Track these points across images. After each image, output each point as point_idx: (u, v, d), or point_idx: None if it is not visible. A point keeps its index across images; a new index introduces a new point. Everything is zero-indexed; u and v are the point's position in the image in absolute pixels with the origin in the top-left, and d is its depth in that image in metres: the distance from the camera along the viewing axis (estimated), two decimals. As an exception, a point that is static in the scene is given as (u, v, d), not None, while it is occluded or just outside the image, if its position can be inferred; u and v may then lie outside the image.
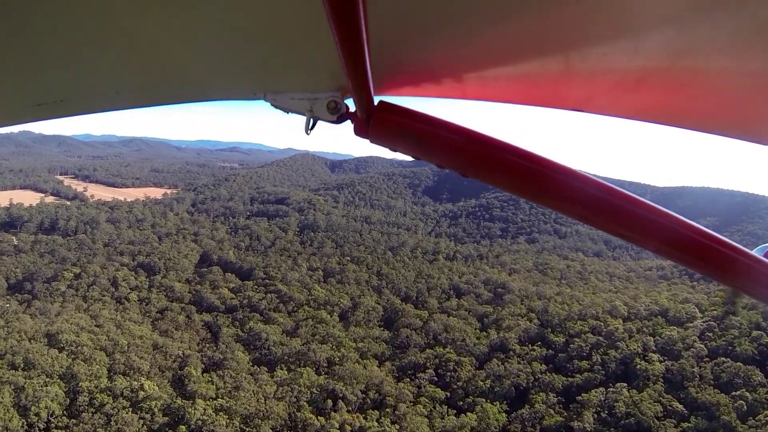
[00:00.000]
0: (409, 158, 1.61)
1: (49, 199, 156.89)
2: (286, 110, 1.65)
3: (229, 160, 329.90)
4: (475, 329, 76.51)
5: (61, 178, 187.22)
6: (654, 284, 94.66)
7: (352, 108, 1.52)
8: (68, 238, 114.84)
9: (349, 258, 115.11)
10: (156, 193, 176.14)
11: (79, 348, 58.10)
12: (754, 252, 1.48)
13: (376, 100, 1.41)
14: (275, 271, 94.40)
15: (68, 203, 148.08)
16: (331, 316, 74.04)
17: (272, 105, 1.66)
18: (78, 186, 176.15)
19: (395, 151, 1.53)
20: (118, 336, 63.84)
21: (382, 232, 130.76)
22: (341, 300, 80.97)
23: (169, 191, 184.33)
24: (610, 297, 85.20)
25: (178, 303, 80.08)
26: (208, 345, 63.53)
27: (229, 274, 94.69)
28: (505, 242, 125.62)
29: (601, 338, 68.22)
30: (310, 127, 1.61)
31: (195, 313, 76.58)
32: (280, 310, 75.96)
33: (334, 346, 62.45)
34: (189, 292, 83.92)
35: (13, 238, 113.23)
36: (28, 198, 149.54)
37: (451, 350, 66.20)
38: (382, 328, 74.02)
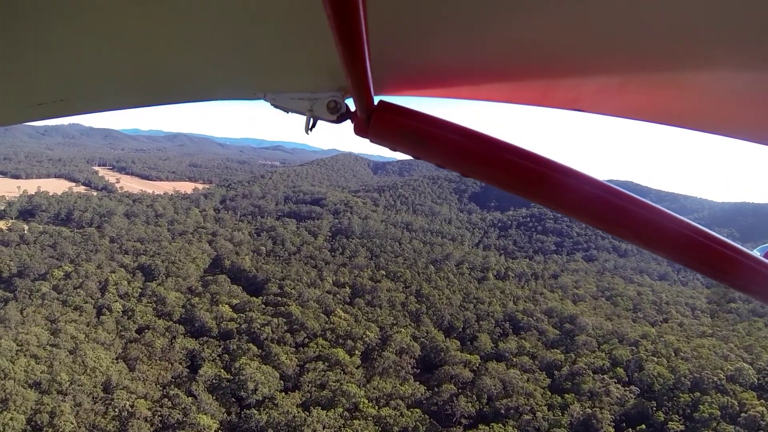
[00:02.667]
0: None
1: (79, 188, 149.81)
2: (286, 110, 1.65)
3: (271, 158, 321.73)
4: (544, 389, 54.96)
5: (97, 168, 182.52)
6: (751, 323, 71.87)
7: (352, 108, 1.50)
8: (77, 230, 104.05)
9: (384, 272, 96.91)
10: (187, 187, 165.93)
11: (3, 382, 42.54)
12: (754, 252, 1.47)
13: (376, 99, 1.40)
14: (292, 286, 77.03)
15: (94, 194, 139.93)
16: (350, 357, 55.04)
17: (272, 105, 1.66)
18: (111, 177, 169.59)
19: (395, 150, 1.52)
20: (65, 367, 48.12)
21: (424, 241, 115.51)
22: (368, 332, 61.81)
23: (200, 186, 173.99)
24: (717, 347, 62.74)
25: (165, 320, 64.15)
26: (174, 391, 46.27)
27: (237, 286, 78.32)
28: (561, 259, 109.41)
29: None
30: (310, 127, 1.61)
31: (181, 335, 60.21)
32: (285, 342, 57.96)
33: (345, 412, 43.33)
34: (182, 307, 67.89)
35: (25, 227, 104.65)
36: (59, 186, 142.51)
37: (514, 427, 45.20)
38: (417, 380, 54.02)
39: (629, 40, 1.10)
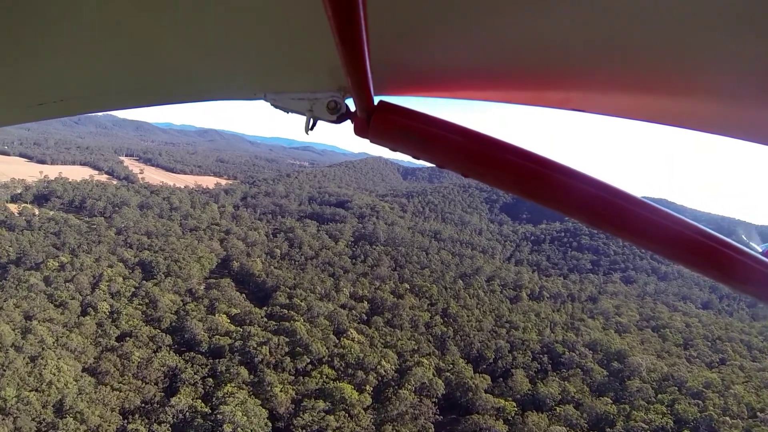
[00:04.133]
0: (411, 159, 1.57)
1: (101, 177, 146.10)
2: (286, 110, 1.64)
3: (300, 158, 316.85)
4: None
5: (123, 158, 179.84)
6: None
7: (352, 108, 1.50)
8: (86, 219, 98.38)
9: (408, 286, 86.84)
10: (211, 182, 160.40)
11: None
12: (754, 252, 1.46)
13: (376, 100, 1.39)
14: (303, 297, 67.60)
15: (114, 183, 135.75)
16: (359, 394, 44.71)
17: (272, 105, 1.67)
18: (135, 167, 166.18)
19: (395, 151, 1.51)
20: (17, 379, 39.88)
21: (453, 252, 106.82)
22: (383, 362, 51.34)
23: (224, 181, 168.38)
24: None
25: (152, 327, 55.73)
26: (135, 425, 37.06)
27: (241, 293, 69.44)
28: (597, 279, 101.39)
29: None
30: (310, 127, 1.60)
31: (165, 347, 51.51)
32: (283, 367, 48.30)
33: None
34: (174, 313, 59.39)
35: (36, 211, 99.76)
36: (81, 174, 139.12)
37: None
38: (439, 430, 43.03)
39: (629, 40, 1.10)
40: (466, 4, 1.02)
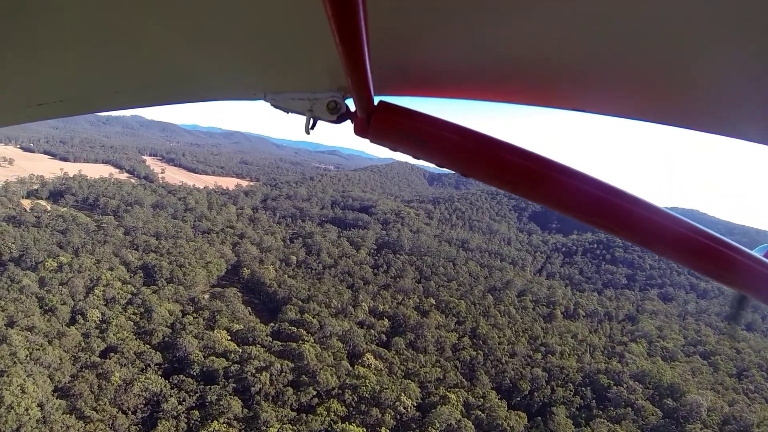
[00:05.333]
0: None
1: (121, 175, 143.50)
2: (286, 110, 1.65)
3: (326, 162, 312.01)
4: None
5: (146, 158, 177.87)
6: None
7: (353, 108, 1.50)
8: (97, 217, 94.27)
9: (434, 301, 78.64)
10: (231, 183, 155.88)
11: None
12: (754, 252, 1.47)
13: (376, 100, 1.41)
14: (316, 312, 60.00)
15: (133, 181, 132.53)
16: (373, 440, 36.34)
17: (272, 105, 1.67)
18: (157, 167, 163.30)
19: (395, 150, 1.53)
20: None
21: (481, 264, 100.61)
22: (403, 396, 42.83)
23: (245, 183, 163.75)
24: None
25: (142, 341, 49.00)
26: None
27: (248, 305, 62.43)
28: (633, 295, 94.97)
29: None
30: (310, 127, 1.60)
31: (153, 367, 44.61)
32: (284, 401, 40.46)
33: None
34: (169, 326, 52.56)
35: (47, 207, 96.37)
36: (102, 172, 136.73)
37: None
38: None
39: (629, 40, 1.10)
40: (466, 4, 1.02)
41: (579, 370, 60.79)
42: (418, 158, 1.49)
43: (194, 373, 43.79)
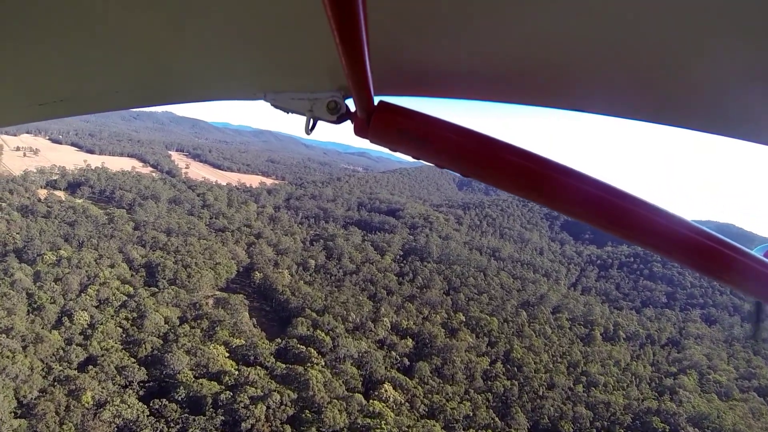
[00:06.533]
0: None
1: (144, 169, 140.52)
2: (286, 110, 1.65)
3: (355, 163, 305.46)
4: None
5: (172, 153, 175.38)
6: None
7: (353, 108, 1.50)
8: (109, 209, 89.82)
9: (463, 317, 70.31)
10: (255, 181, 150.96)
11: None
12: (754, 252, 1.47)
13: (376, 100, 1.40)
14: (331, 327, 52.25)
15: (154, 175, 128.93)
16: None
17: (272, 105, 1.68)
18: (182, 162, 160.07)
19: (395, 151, 1.52)
20: None
21: (514, 275, 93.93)
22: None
23: (270, 181, 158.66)
24: None
25: (126, 354, 42.20)
26: None
27: (256, 314, 55.28)
28: (674, 315, 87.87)
29: None
30: (310, 128, 1.60)
31: (134, 387, 37.63)
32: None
33: None
34: (161, 336, 45.74)
35: (62, 197, 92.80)
36: (125, 165, 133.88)
37: None
38: None
39: (629, 40, 1.11)
40: (466, 4, 1.02)
41: (627, 408, 53.31)
42: (418, 158, 1.48)
43: (179, 398, 36.50)
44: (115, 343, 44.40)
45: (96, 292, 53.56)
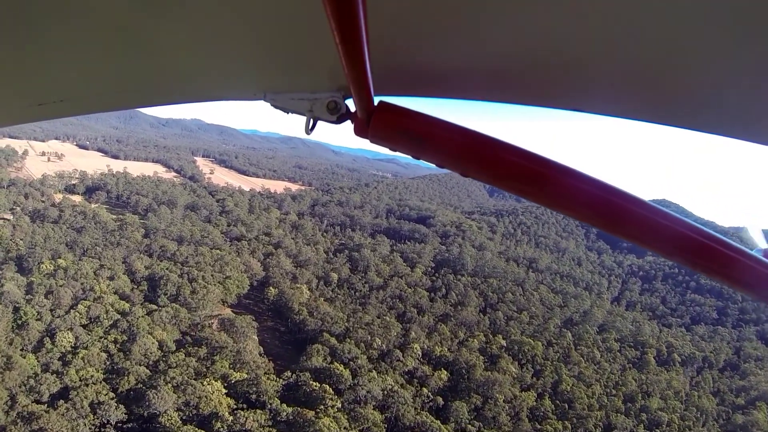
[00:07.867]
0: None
1: (167, 174, 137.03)
2: (286, 110, 1.65)
3: (383, 169, 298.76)
4: None
5: (197, 159, 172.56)
6: None
7: (353, 108, 1.50)
8: (123, 214, 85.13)
9: (503, 341, 61.41)
10: (281, 187, 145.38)
11: None
12: (754, 252, 1.48)
13: (376, 100, 1.39)
14: (353, 356, 44.18)
15: (176, 180, 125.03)
16: None
17: (272, 105, 1.68)
18: (206, 168, 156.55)
19: (395, 151, 1.52)
20: None
21: (553, 289, 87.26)
22: None
23: (295, 187, 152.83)
24: None
25: (108, 385, 35.03)
26: None
27: (267, 338, 47.72)
28: (728, 333, 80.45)
29: None
30: (310, 128, 1.60)
31: (108, 428, 30.29)
32: None
33: None
34: (150, 365, 38.53)
35: (77, 200, 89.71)
36: (148, 170, 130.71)
37: None
38: None
39: (629, 40, 1.11)
40: (466, 4, 1.02)
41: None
42: (418, 158, 1.47)
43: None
44: (96, 371, 37.44)
45: (87, 309, 47.12)
